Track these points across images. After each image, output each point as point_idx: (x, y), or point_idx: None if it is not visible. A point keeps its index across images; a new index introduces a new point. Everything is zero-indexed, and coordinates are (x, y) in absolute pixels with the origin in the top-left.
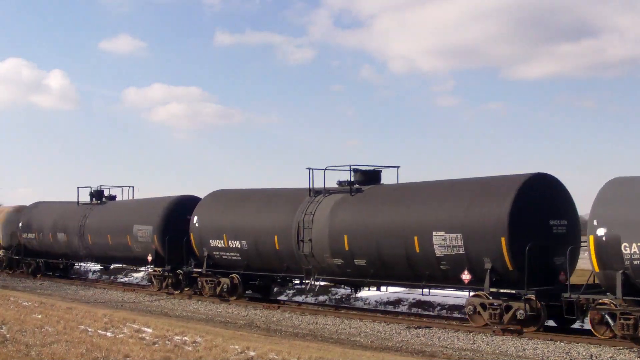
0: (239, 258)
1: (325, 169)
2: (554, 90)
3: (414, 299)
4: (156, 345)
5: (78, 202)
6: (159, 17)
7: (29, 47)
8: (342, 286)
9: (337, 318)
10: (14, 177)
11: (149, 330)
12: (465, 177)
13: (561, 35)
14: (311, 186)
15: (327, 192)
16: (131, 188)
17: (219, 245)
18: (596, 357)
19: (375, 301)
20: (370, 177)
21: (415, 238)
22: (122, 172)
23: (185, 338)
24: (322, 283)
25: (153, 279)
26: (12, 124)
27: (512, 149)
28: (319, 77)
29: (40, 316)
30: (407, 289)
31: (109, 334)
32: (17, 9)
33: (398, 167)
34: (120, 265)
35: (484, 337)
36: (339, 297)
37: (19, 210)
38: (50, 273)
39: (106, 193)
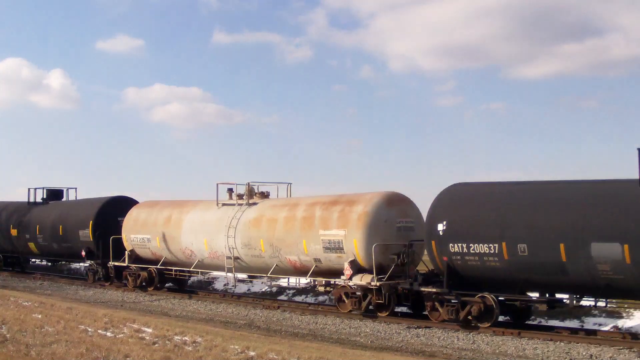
0: None
1: None
2: (556, 90)
3: None
4: (156, 345)
5: None
6: (157, 16)
7: (29, 47)
8: None
9: (337, 318)
10: (13, 177)
11: (149, 330)
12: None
13: (564, 34)
14: None
15: None
16: None
17: None
18: (596, 357)
19: None
20: None
21: None
22: (121, 172)
23: (185, 338)
24: None
25: None
26: (12, 124)
27: (513, 149)
28: (319, 77)
29: (40, 316)
30: None
31: (109, 334)
32: (17, 9)
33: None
34: None
35: (484, 337)
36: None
37: (394, 202)
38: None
39: None
